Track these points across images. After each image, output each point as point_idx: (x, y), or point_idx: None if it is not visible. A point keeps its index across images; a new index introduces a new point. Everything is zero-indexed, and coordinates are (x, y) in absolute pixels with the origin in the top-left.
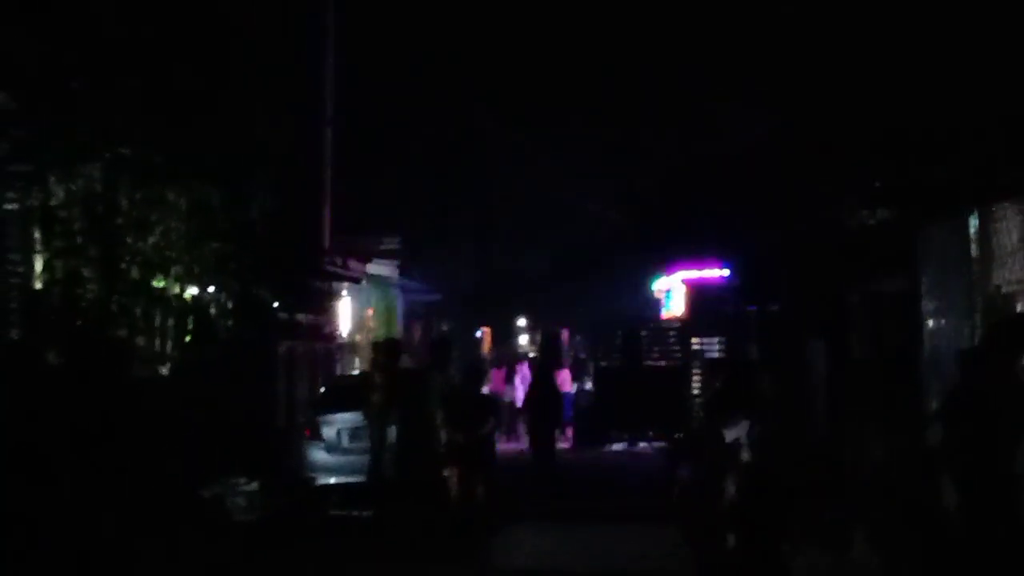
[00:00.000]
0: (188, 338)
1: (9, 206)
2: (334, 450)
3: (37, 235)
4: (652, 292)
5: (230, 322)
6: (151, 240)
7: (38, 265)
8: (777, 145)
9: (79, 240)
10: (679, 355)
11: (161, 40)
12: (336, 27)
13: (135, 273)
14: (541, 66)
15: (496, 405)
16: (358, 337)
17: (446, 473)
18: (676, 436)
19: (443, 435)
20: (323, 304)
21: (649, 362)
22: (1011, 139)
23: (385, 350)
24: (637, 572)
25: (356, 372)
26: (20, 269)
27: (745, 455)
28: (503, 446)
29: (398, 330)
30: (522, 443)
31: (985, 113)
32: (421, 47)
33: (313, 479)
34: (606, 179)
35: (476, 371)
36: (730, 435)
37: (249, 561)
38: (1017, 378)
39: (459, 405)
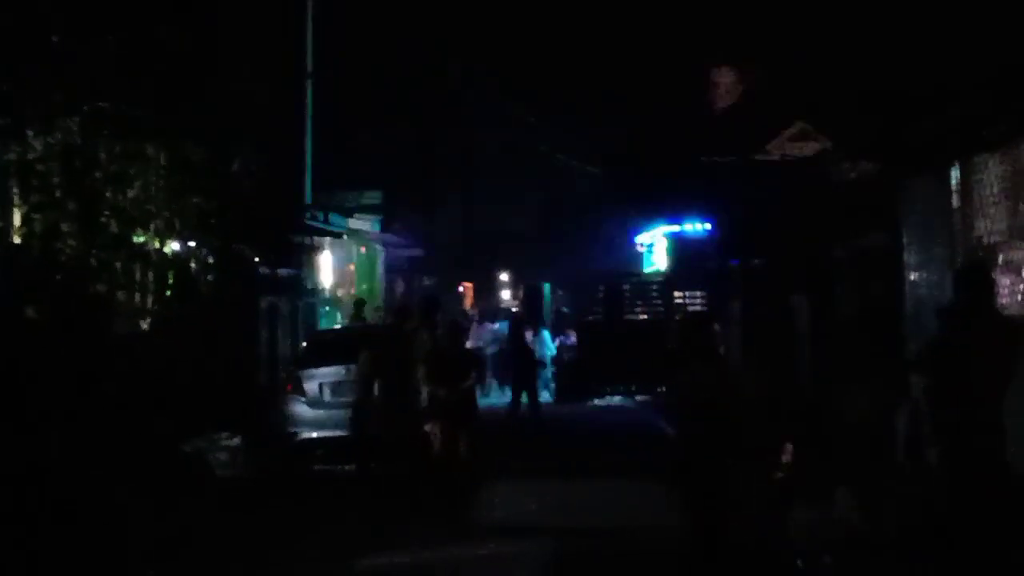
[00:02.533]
0: (169, 293)
1: None
2: (316, 405)
3: (15, 189)
4: (634, 246)
5: (211, 277)
6: (131, 194)
7: (16, 219)
8: (762, 99)
9: (58, 194)
10: (662, 309)
11: None
12: None
13: (115, 228)
14: (523, 20)
15: (478, 360)
16: (340, 292)
17: (428, 428)
18: (659, 390)
19: (425, 390)
20: (304, 259)
21: (631, 316)
22: (994, 93)
23: (356, 305)
24: (622, 527)
25: (338, 327)
26: None
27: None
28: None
29: (379, 285)
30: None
31: (968, 69)
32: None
33: (295, 434)
34: (588, 132)
35: (458, 326)
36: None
37: (231, 516)
38: (994, 326)
39: (441, 360)
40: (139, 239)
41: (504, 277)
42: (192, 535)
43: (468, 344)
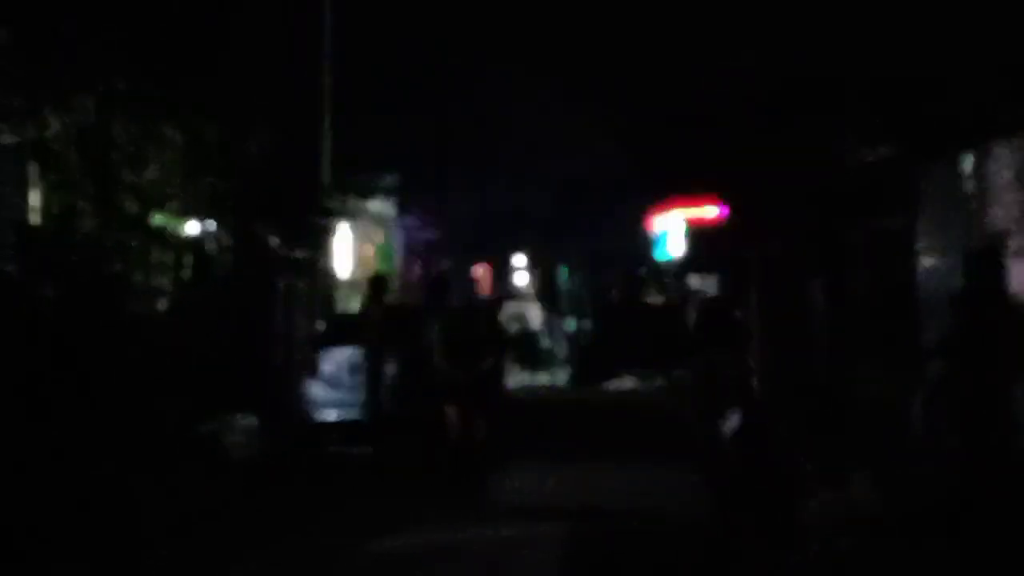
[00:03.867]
0: (186, 274)
1: (5, 140)
2: (332, 386)
3: (33, 169)
4: (651, 230)
5: (228, 258)
6: (148, 175)
7: (34, 199)
8: (777, 83)
9: (75, 175)
10: (677, 293)
11: None
12: None
13: (132, 208)
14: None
15: (503, 339)
16: (357, 274)
17: (446, 410)
18: (675, 373)
19: (442, 371)
20: (322, 241)
21: (647, 300)
22: (1008, 81)
23: (373, 286)
24: (637, 510)
25: (354, 309)
26: (15, 201)
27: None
28: None
29: (397, 267)
30: None
31: (983, 55)
32: None
33: (311, 415)
34: (606, 116)
35: (481, 305)
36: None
37: (247, 497)
38: (1006, 311)
39: (461, 340)
40: (156, 219)
41: (521, 260)
42: (207, 515)
43: None
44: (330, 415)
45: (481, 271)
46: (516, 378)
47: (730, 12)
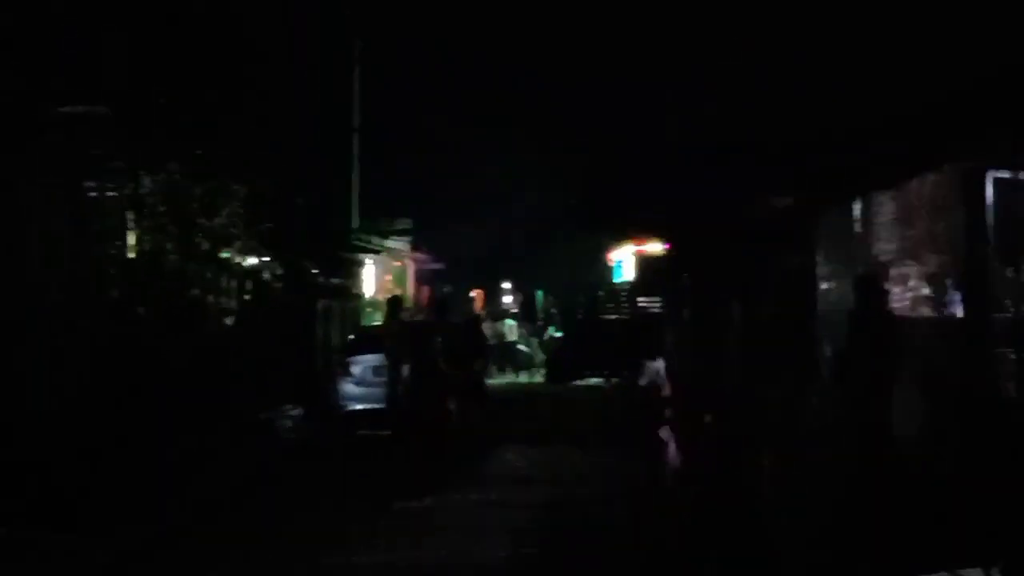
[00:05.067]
0: (246, 297)
1: (109, 194)
2: (360, 384)
3: (129, 217)
4: (609, 261)
5: (279, 284)
6: (218, 221)
7: (130, 240)
8: (704, 143)
9: (162, 221)
10: (628, 311)
11: (224, 67)
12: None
13: (205, 246)
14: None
15: (485, 347)
16: (379, 296)
17: (447, 401)
18: (624, 373)
19: (443, 372)
20: (351, 271)
21: (604, 316)
22: (889, 143)
23: (390, 305)
24: (589, 476)
25: (376, 324)
26: (117, 242)
27: (660, 379)
28: None
29: (409, 291)
30: None
31: (867, 122)
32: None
33: (344, 406)
34: (574, 173)
35: (473, 322)
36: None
37: (294, 468)
38: (885, 325)
39: (456, 349)
40: (224, 255)
41: (507, 285)
42: (264, 481)
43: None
44: (358, 406)
45: (476, 294)
46: (502, 378)
47: (667, 90)
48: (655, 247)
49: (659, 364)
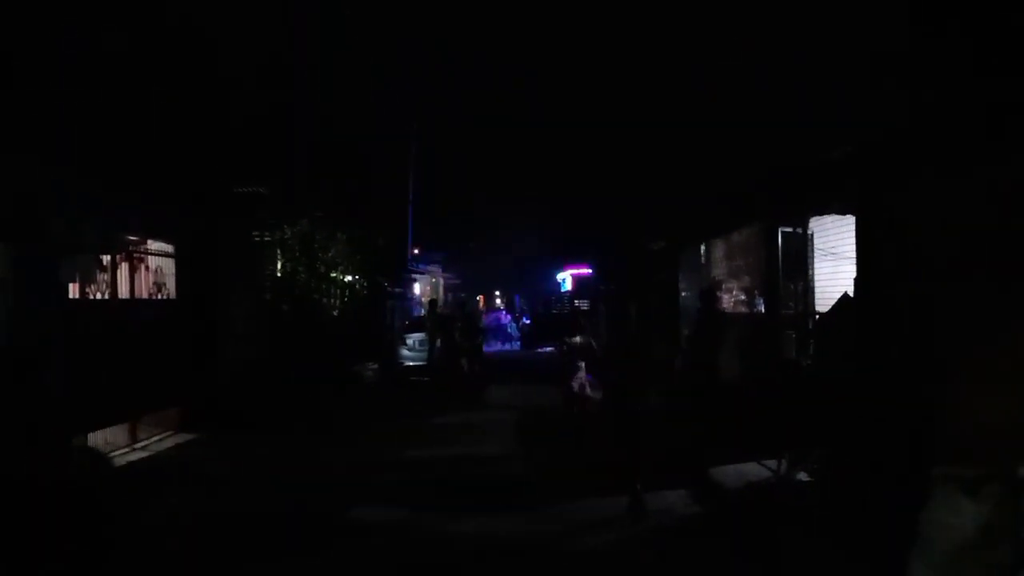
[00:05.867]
0: (345, 299)
1: (266, 238)
2: (411, 350)
3: (279, 252)
4: (559, 278)
5: (365, 292)
6: (330, 254)
7: (279, 265)
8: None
9: (296, 255)
10: (569, 308)
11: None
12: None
13: (322, 270)
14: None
15: (483, 330)
16: (423, 299)
17: (460, 361)
18: (564, 344)
19: (459, 343)
20: (407, 283)
21: (556, 311)
22: (720, 208)
23: (429, 304)
24: (545, 405)
25: (421, 315)
26: (270, 267)
27: (578, 347)
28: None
29: (440, 296)
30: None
31: (713, 191)
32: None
33: (402, 363)
34: (543, 224)
35: (476, 316)
36: (574, 342)
37: (372, 399)
38: (714, 317)
39: (466, 330)
40: (334, 275)
41: (498, 292)
42: (355, 406)
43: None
44: (410, 363)
45: (480, 298)
46: (495, 347)
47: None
48: (584, 270)
49: (578, 339)
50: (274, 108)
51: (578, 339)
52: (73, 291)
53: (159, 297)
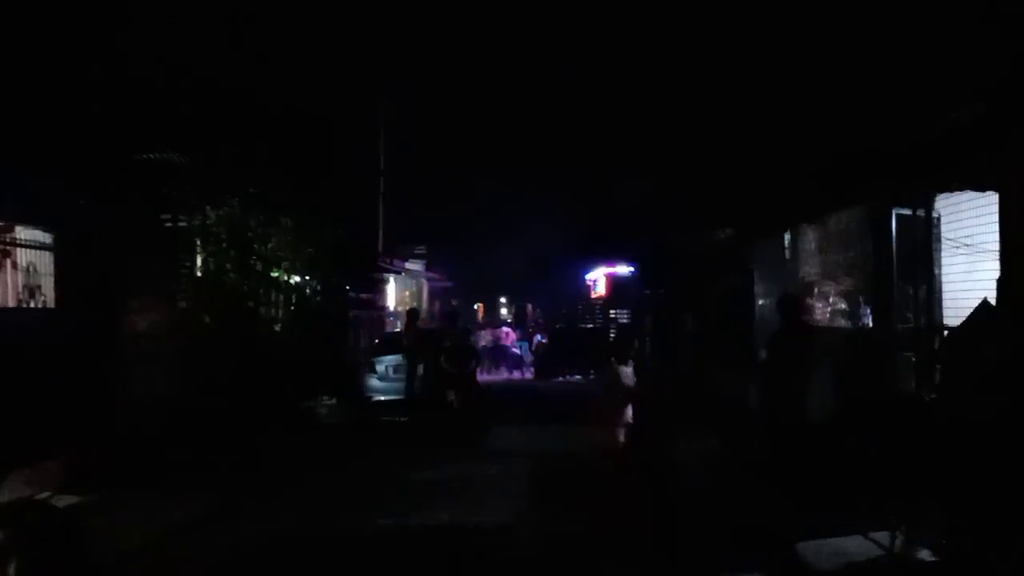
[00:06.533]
0: (292, 309)
1: (181, 224)
2: (383, 379)
3: (198, 243)
4: (585, 280)
5: (318, 298)
6: (269, 246)
7: (198, 261)
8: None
9: (224, 246)
10: (601, 320)
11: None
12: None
13: (259, 267)
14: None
15: (477, 352)
16: (399, 308)
17: (450, 395)
18: (601, 371)
19: (447, 370)
20: (377, 287)
21: (581, 324)
22: (813, 186)
23: (408, 316)
24: (571, 451)
25: (397, 330)
26: (187, 263)
27: (628, 381)
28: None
29: (423, 304)
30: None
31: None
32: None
33: (370, 397)
34: (561, 212)
35: (467, 333)
36: (620, 369)
37: (329, 447)
38: (801, 335)
39: (455, 353)
40: (274, 274)
41: (503, 300)
42: (304, 454)
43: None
44: (381, 397)
45: (478, 307)
46: (497, 375)
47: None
48: (624, 268)
49: (629, 369)
50: (197, 47)
51: (629, 370)
52: None
53: (32, 305)
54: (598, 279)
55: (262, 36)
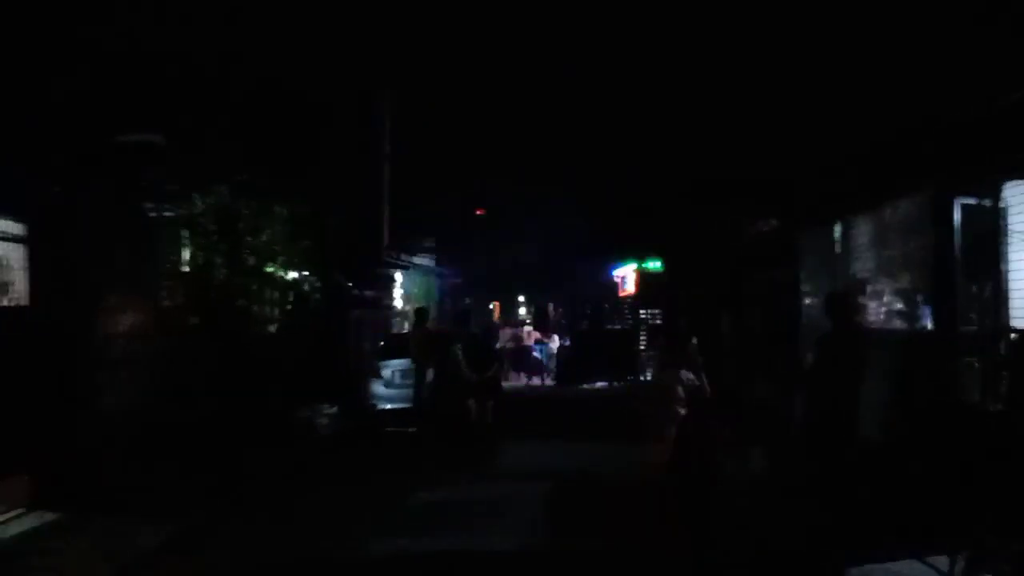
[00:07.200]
0: (288, 307)
1: (166, 214)
2: (389, 386)
3: (184, 234)
4: (612, 277)
5: (317, 296)
6: (262, 238)
7: (185, 255)
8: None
9: (213, 238)
10: (630, 321)
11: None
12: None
13: (251, 261)
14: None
15: (500, 355)
16: (406, 307)
17: (466, 402)
18: (628, 379)
19: (465, 376)
20: (383, 284)
21: (608, 326)
22: (862, 173)
23: (416, 315)
24: (599, 471)
25: (404, 332)
26: (172, 257)
27: (681, 392)
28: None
29: (434, 303)
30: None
31: (844, 152)
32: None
33: (374, 406)
34: (586, 203)
35: (489, 332)
36: (671, 380)
37: (328, 463)
38: (850, 338)
39: (475, 355)
40: (268, 269)
41: (521, 298)
42: (302, 469)
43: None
44: (387, 405)
45: (494, 306)
46: (516, 381)
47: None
48: (655, 265)
49: (687, 375)
50: (181, 17)
51: (687, 375)
52: None
53: (3, 303)
54: (626, 275)
55: (262, 12)
